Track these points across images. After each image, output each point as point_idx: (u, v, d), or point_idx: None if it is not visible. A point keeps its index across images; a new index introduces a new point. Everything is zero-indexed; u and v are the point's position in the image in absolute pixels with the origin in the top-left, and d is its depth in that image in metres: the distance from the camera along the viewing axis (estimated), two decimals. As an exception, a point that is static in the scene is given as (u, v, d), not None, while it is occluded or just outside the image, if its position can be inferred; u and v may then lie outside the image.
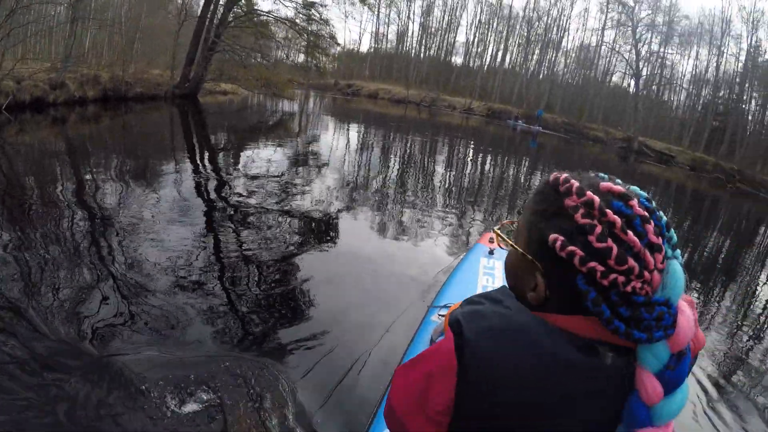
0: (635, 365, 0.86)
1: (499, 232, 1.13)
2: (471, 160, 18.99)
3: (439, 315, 3.23)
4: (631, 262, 0.82)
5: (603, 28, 49.74)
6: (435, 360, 0.93)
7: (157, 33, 27.10)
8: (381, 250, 6.51)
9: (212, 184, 8.69)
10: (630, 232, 0.83)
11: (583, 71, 51.95)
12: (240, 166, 10.86)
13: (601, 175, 0.95)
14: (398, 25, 60.96)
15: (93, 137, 12.86)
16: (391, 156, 16.16)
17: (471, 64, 57.72)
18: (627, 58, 46.31)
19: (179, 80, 23.08)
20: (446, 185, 12.44)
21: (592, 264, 0.83)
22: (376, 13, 61.27)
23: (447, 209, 9.44)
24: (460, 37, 64.16)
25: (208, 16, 22.96)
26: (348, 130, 22.93)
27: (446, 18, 58.70)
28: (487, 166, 17.79)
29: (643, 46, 45.44)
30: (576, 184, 0.88)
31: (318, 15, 27.06)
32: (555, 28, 53.17)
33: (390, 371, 3.09)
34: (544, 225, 0.92)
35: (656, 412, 0.84)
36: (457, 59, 59.70)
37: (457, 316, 0.92)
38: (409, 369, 0.98)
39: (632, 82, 45.94)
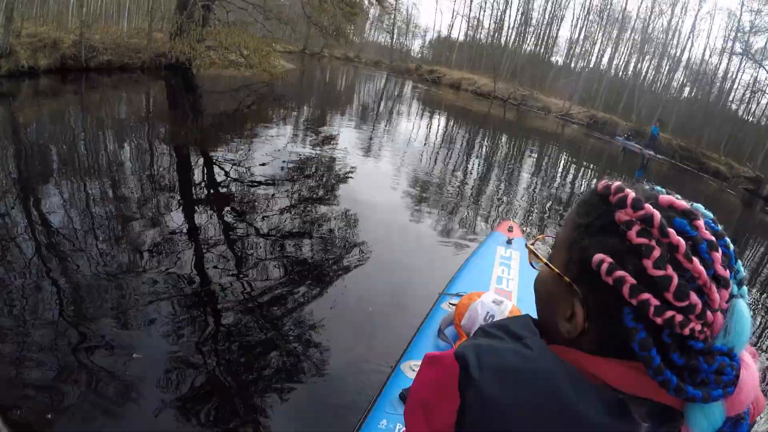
0: (679, 430, 0.72)
1: (533, 247, 0.98)
2: (549, 169, 15.96)
3: (450, 303, 3.15)
4: (694, 297, 0.69)
5: (734, 37, 41.86)
6: (442, 377, 0.82)
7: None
8: (400, 234, 6.54)
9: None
10: (695, 260, 0.69)
11: (705, 85, 43.92)
12: (247, 165, 8.69)
13: (659, 188, 0.81)
14: (493, 10, 55.45)
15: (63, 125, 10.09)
16: (458, 163, 13.38)
17: (573, 65, 51.07)
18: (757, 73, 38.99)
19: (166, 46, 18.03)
20: (494, 181, 11.70)
21: (645, 296, 0.69)
22: None
23: (482, 200, 9.48)
24: (563, 33, 59.31)
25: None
26: (414, 128, 17.67)
27: (549, 9, 52.30)
28: (563, 178, 15.01)
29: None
30: (632, 194, 0.74)
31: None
32: (673, 33, 45.93)
33: (395, 356, 2.92)
34: (588, 242, 0.78)
35: None
36: (558, 58, 53.66)
37: (465, 348, 0.81)
38: (430, 364, 0.88)
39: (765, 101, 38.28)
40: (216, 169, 8.18)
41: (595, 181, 13.71)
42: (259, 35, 20.31)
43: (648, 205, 0.72)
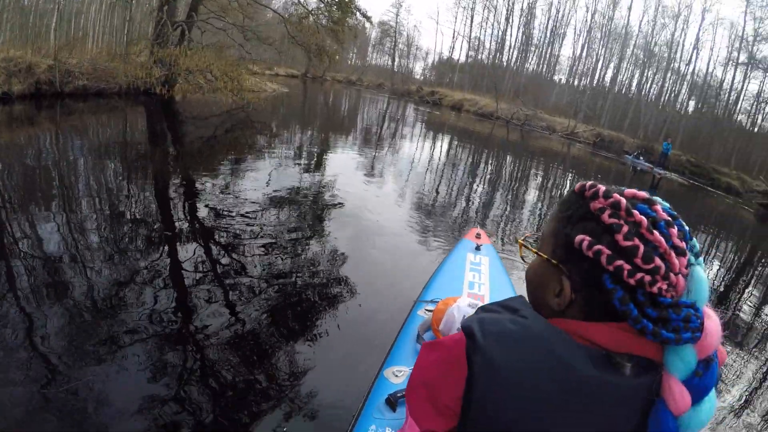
0: (661, 375, 0.85)
1: (523, 242, 1.15)
2: (553, 189, 14.90)
3: (426, 310, 3.26)
4: (657, 261, 0.86)
5: (738, 47, 41.05)
6: (448, 359, 0.94)
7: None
8: (371, 244, 6.55)
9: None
10: (656, 232, 0.87)
11: (711, 99, 42.93)
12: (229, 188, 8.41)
13: (624, 188, 0.98)
14: (494, 30, 55.36)
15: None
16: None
17: (576, 83, 50.26)
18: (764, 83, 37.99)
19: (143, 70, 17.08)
20: (485, 198, 11.32)
21: (619, 262, 0.86)
22: (470, 15, 56.40)
23: (473, 216, 9.28)
24: (565, 50, 59.00)
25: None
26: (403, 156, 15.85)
27: (550, 27, 51.88)
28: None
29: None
30: (602, 187, 0.94)
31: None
32: (677, 46, 44.92)
33: (376, 366, 2.92)
34: (570, 229, 0.95)
35: (684, 422, 0.84)
36: (561, 76, 53.12)
37: (469, 320, 0.94)
38: (431, 349, 1.01)
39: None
40: (195, 198, 7.66)
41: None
42: (239, 58, 19.58)
43: (616, 194, 0.91)
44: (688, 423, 0.83)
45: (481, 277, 3.91)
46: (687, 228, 0.92)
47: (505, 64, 53.23)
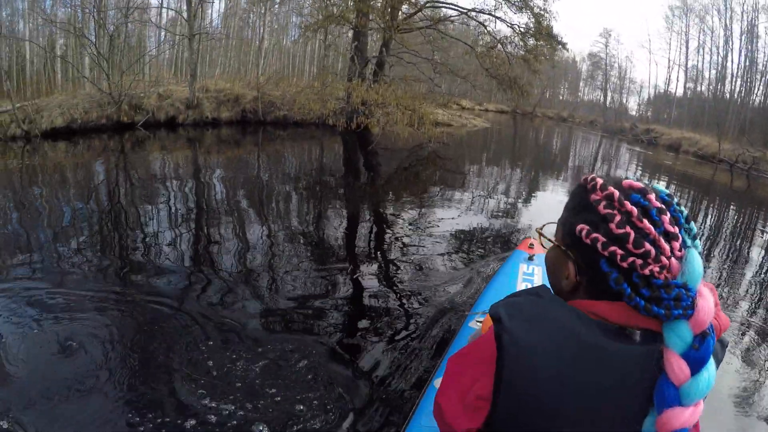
0: (662, 349, 0.94)
1: (540, 231, 1.33)
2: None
3: (477, 321, 3.39)
4: (647, 246, 0.95)
5: None
6: (479, 349, 1.04)
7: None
8: (425, 256, 6.54)
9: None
10: (645, 220, 0.97)
11: None
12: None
13: (629, 176, 1.08)
14: (712, 56, 49.58)
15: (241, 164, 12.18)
16: None
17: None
18: None
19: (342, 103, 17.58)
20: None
21: (613, 248, 0.97)
22: (684, 41, 52.07)
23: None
24: None
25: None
26: None
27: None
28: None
29: None
30: (600, 181, 1.05)
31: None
32: None
33: (428, 377, 3.23)
34: (574, 219, 1.07)
35: (684, 392, 0.90)
36: None
37: (495, 307, 1.04)
38: (458, 359, 1.11)
39: None
40: (374, 227, 8.26)
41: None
42: (428, 92, 19.58)
43: (611, 187, 1.01)
44: (689, 392, 0.89)
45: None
46: (683, 212, 1.02)
47: (727, 95, 46.80)
